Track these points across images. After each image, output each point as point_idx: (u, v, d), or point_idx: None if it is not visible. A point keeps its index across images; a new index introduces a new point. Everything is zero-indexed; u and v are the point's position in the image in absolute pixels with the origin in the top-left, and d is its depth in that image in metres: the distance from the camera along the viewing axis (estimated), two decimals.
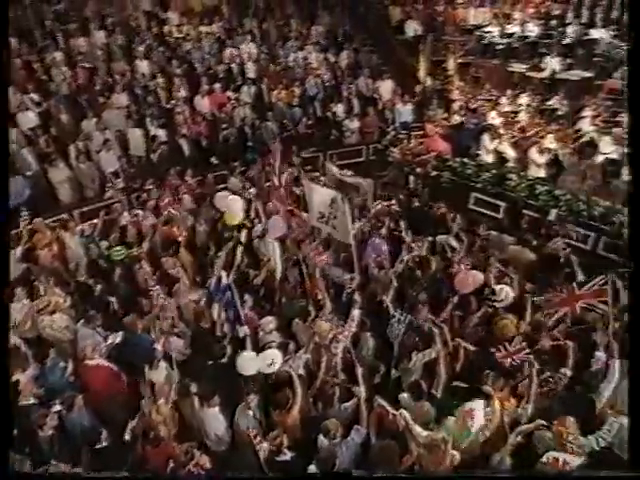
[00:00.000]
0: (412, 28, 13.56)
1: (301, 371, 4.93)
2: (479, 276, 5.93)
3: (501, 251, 7.11)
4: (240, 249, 6.30)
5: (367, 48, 13.25)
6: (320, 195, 6.27)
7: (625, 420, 4.22)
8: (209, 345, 5.15)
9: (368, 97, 11.62)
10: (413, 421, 4.21)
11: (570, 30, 12.90)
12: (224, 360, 5.00)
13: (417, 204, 8.33)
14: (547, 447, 4.18)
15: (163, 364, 4.94)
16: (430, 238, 7.12)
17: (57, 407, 4.23)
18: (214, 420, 4.39)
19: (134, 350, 5.03)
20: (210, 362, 5.00)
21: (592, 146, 9.90)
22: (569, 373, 4.89)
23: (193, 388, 4.47)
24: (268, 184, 7.97)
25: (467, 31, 13.72)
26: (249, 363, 4.75)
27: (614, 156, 9.37)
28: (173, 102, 10.65)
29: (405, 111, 10.99)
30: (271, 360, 4.76)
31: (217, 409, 4.41)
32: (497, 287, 5.83)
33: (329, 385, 4.77)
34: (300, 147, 9.35)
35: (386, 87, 11.71)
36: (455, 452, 4.07)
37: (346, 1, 14.26)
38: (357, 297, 5.54)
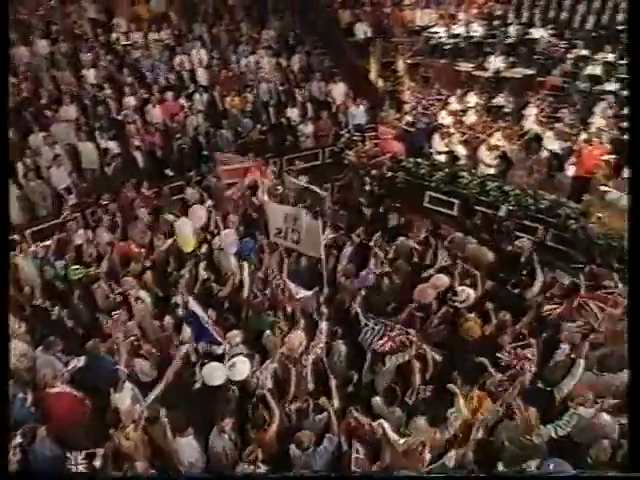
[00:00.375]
0: (362, 30, 13.75)
1: (269, 382, 4.96)
2: (444, 279, 6.05)
3: (461, 251, 7.26)
4: (202, 265, 6.26)
5: (318, 51, 13.36)
6: (275, 211, 6.38)
7: (582, 410, 4.51)
8: (180, 371, 5.08)
9: (321, 100, 11.75)
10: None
11: (512, 30, 13.42)
12: (197, 386, 4.91)
13: (380, 209, 8.47)
14: (509, 437, 4.40)
15: (128, 385, 4.87)
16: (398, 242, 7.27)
17: (18, 439, 4.13)
18: (188, 448, 4.34)
19: (97, 373, 4.94)
20: (182, 390, 4.92)
21: (537, 141, 10.36)
22: (534, 369, 5.07)
23: (162, 412, 4.41)
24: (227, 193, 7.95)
25: (415, 32, 14.02)
26: (215, 372, 4.76)
27: (557, 151, 9.85)
28: (124, 113, 10.44)
29: (358, 113, 11.18)
30: (233, 362, 4.77)
31: (191, 437, 4.39)
32: (458, 288, 5.98)
33: (302, 398, 4.79)
34: (256, 154, 9.34)
35: (339, 90, 11.87)
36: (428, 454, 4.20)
37: (296, 5, 14.29)
38: (324, 309, 5.60)
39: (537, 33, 13.15)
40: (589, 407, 4.55)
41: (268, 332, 5.58)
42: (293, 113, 11.13)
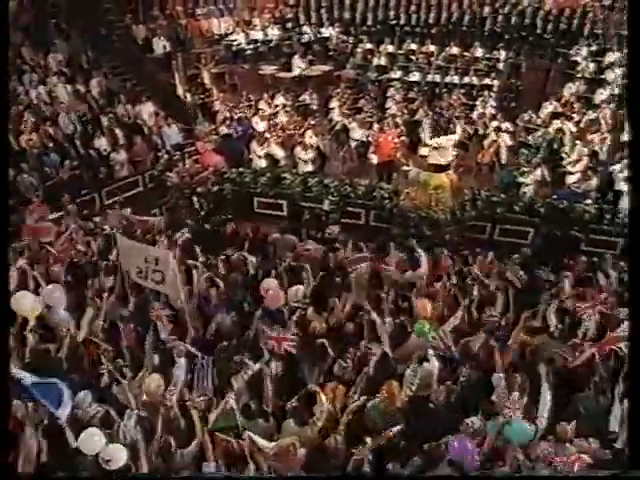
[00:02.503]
0: (160, 45, 13.48)
1: (135, 432, 4.74)
2: (272, 282, 6.19)
3: (290, 251, 7.44)
4: (29, 330, 5.62)
5: (118, 71, 12.75)
6: (135, 251, 6.02)
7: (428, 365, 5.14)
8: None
9: (131, 124, 11.27)
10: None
11: (305, 31, 14.34)
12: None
13: (207, 225, 8.48)
14: (379, 411, 4.79)
15: None
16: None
17: None
18: None
19: None
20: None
21: (344, 133, 11.33)
22: (380, 350, 5.41)
23: None
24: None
25: (215, 41, 14.21)
26: (93, 438, 4.39)
27: (362, 139, 10.87)
28: None
29: (172, 132, 10.98)
30: (110, 457, 4.44)
31: None
32: (291, 289, 6.19)
33: (164, 439, 4.67)
34: (70, 193, 8.68)
35: (147, 110, 11.49)
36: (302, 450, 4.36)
37: (81, 23, 13.35)
38: (182, 346, 5.35)
39: (327, 32, 14.25)
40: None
41: (117, 382, 5.30)
42: (102, 142, 10.51)
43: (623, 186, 9.27)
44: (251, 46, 14.08)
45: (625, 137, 10.93)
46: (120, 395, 5.20)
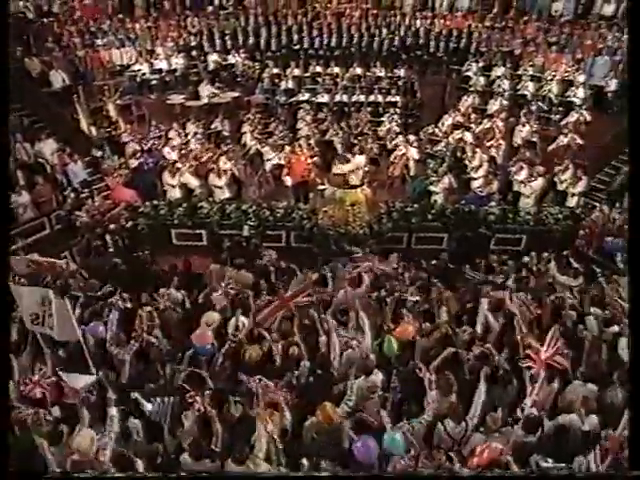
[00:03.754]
0: (58, 78, 12.84)
1: None
2: (214, 316, 6.10)
3: (222, 280, 7.20)
4: None
5: (13, 107, 11.96)
6: (29, 295, 5.44)
7: (357, 380, 5.17)
8: None
9: (31, 163, 10.60)
10: None
11: (210, 58, 14.32)
12: None
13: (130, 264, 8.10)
14: (317, 431, 4.78)
15: None
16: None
17: None
18: None
19: None
20: None
21: (259, 156, 11.38)
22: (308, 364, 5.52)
23: None
24: None
25: (117, 72, 13.78)
26: None
27: (276, 161, 10.97)
28: None
29: (78, 169, 10.44)
30: None
31: None
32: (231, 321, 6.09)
33: None
34: None
35: (49, 147, 10.87)
36: None
37: None
38: (110, 394, 5.06)
39: (233, 59, 14.33)
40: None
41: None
42: None
43: (523, 188, 10.09)
44: (156, 76, 13.82)
45: (517, 142, 11.97)
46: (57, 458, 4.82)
